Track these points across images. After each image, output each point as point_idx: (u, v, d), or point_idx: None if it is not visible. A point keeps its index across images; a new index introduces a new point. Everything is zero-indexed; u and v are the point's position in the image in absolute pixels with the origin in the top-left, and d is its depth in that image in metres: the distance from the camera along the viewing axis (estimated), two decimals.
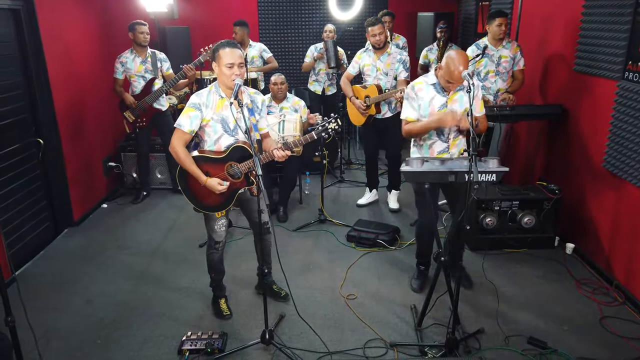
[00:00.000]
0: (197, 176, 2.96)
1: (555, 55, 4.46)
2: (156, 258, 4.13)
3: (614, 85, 3.48)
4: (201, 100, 2.93)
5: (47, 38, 4.23)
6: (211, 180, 2.96)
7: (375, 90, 4.54)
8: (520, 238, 4.09)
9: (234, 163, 3.01)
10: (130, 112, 5.02)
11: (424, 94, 3.19)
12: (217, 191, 2.97)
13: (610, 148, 3.53)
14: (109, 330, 3.17)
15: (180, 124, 2.91)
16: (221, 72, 2.87)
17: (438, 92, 3.17)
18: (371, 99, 4.56)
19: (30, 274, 3.88)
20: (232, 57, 2.83)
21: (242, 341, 3.03)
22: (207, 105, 2.94)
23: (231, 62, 2.82)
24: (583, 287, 3.59)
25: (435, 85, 3.18)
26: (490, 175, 2.66)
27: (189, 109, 2.91)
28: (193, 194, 3.07)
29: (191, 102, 2.92)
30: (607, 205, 3.64)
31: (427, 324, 3.16)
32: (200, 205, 3.08)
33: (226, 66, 2.83)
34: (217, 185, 2.95)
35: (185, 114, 2.91)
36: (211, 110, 2.95)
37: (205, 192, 3.04)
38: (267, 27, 7.37)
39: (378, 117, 4.68)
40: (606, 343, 3.00)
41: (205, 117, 2.94)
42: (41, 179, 4.35)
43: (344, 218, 4.78)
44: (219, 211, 3.11)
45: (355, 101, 4.68)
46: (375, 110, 4.62)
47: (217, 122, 2.97)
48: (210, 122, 2.96)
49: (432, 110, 3.17)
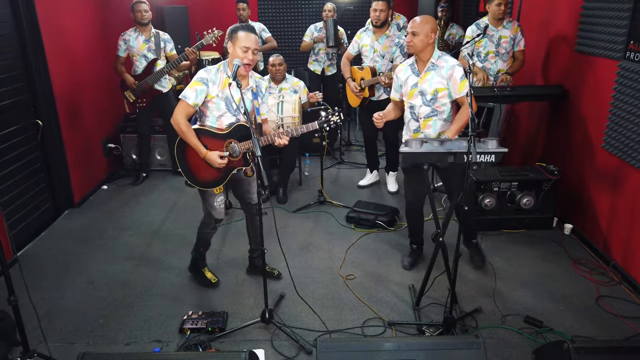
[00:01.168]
0: (197, 149, 2.98)
1: (556, 35, 4.41)
2: (156, 239, 4.15)
3: (615, 65, 3.46)
4: (209, 76, 2.94)
5: (43, 18, 4.19)
6: (211, 154, 2.98)
7: (369, 72, 4.51)
8: (518, 219, 4.11)
9: (234, 141, 3.04)
10: (130, 92, 5.00)
11: (402, 74, 3.34)
12: (216, 164, 2.99)
13: (610, 129, 3.52)
14: (111, 309, 3.21)
15: (185, 96, 2.92)
16: (234, 53, 2.90)
17: (413, 72, 3.28)
18: (364, 81, 4.54)
19: (31, 255, 3.91)
20: (248, 41, 2.87)
21: (243, 320, 3.06)
22: (214, 82, 2.96)
23: (247, 45, 2.87)
24: (580, 267, 3.62)
25: (412, 65, 3.29)
26: (489, 156, 2.65)
27: (196, 83, 2.92)
28: (189, 167, 3.08)
29: (199, 77, 2.93)
30: (606, 186, 3.65)
31: (425, 303, 3.19)
32: (194, 179, 3.10)
33: (242, 48, 2.86)
34: (217, 158, 2.98)
35: (191, 87, 2.92)
36: (217, 88, 2.97)
37: (202, 166, 3.06)
38: (266, 6, 7.28)
39: (374, 100, 4.66)
40: (602, 322, 3.04)
41: (210, 93, 2.96)
42: (41, 161, 4.35)
43: (344, 199, 4.80)
44: (213, 187, 3.12)
45: (350, 83, 4.66)
46: (369, 93, 4.59)
47: (221, 99, 2.99)
48: (214, 99, 2.98)
49: (405, 90, 3.31)
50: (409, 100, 3.32)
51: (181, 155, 3.07)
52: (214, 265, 3.70)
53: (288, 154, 4.92)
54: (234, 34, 2.90)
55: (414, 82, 3.27)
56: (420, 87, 3.25)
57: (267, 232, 3.00)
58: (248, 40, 2.86)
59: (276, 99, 4.69)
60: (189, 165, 3.08)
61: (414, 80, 3.27)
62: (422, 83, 3.24)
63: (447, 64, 3.19)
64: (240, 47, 2.86)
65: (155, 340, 2.92)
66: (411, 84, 3.28)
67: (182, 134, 2.96)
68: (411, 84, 3.28)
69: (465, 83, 3.14)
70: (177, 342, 2.91)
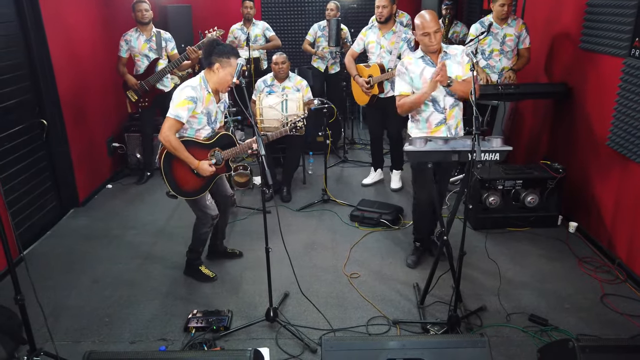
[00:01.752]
0: (189, 161, 3.07)
1: (561, 32, 4.40)
2: (161, 238, 4.17)
3: (620, 62, 3.44)
4: (197, 94, 3.03)
5: (48, 17, 4.20)
6: (202, 163, 3.11)
7: (377, 69, 4.50)
8: (523, 217, 4.10)
9: (218, 149, 3.20)
10: (133, 92, 5.01)
11: (414, 67, 3.24)
12: (207, 173, 3.13)
13: (615, 126, 3.51)
14: (116, 308, 3.23)
15: (178, 115, 2.99)
16: (223, 76, 3.04)
17: (427, 64, 3.21)
18: (374, 78, 4.52)
19: (37, 254, 3.93)
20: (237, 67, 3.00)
21: (247, 319, 3.07)
22: (200, 99, 3.05)
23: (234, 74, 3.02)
24: (585, 265, 3.61)
25: (424, 57, 3.24)
26: (493, 154, 2.65)
27: (187, 102, 3.00)
28: (176, 179, 3.16)
29: (188, 95, 3.00)
30: (611, 184, 3.64)
31: (429, 301, 3.19)
32: (181, 191, 3.18)
33: (231, 75, 3.02)
34: (208, 167, 3.12)
35: (183, 106, 2.99)
36: (202, 104, 3.07)
37: (188, 178, 3.17)
38: (270, 4, 7.28)
39: (381, 97, 4.65)
40: (607, 320, 3.03)
41: (196, 110, 3.05)
42: (46, 160, 4.37)
43: (348, 198, 4.80)
44: (199, 196, 3.23)
45: (358, 79, 4.65)
46: (378, 89, 4.58)
47: (204, 115, 3.12)
48: (198, 115, 3.09)
49: (423, 82, 3.21)
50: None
51: (168, 169, 3.12)
52: (218, 263, 3.71)
53: (292, 152, 4.92)
54: (225, 58, 3.00)
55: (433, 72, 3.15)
56: None
57: (271, 231, 3.01)
58: (237, 67, 3.01)
59: (280, 97, 4.68)
60: (175, 178, 3.15)
61: (432, 70, 3.15)
62: None
63: (457, 50, 3.25)
64: (231, 74, 3.02)
65: (161, 339, 2.93)
66: (430, 74, 3.16)
67: (173, 150, 3.03)
68: (430, 75, 3.16)
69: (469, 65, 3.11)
70: (182, 340, 2.92)
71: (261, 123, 4.58)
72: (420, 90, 3.19)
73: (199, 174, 3.15)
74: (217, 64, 3.02)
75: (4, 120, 3.77)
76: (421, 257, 3.68)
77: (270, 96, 4.70)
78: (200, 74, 3.10)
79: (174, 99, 3.03)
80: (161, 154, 3.09)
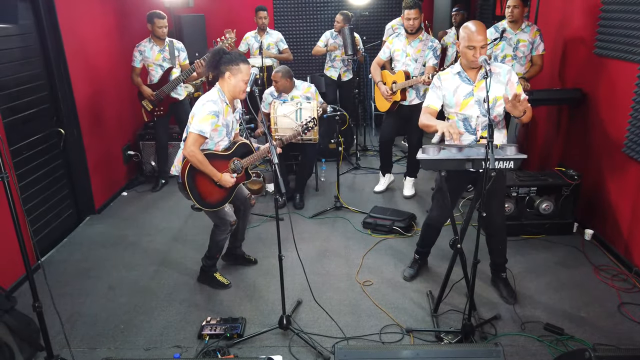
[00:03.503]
0: (213, 173, 3.12)
1: (575, 38, 4.37)
2: (176, 244, 4.21)
3: (636, 68, 3.41)
4: (218, 108, 3.07)
5: (65, 29, 4.29)
6: (225, 175, 3.17)
7: (403, 76, 4.52)
8: (538, 224, 4.07)
9: (237, 159, 3.25)
10: (148, 101, 5.08)
11: (449, 83, 3.06)
12: (230, 184, 3.18)
13: (631, 133, 3.47)
14: (131, 315, 3.26)
15: (202, 130, 3.01)
16: (235, 84, 3.06)
17: (463, 81, 3.03)
18: (398, 84, 4.54)
19: (54, 261, 3.99)
20: (248, 73, 3.05)
21: (261, 326, 3.09)
22: (221, 112, 3.09)
23: (248, 78, 3.04)
24: (601, 274, 3.56)
25: (460, 73, 3.03)
26: (507, 162, 2.64)
27: (210, 117, 3.03)
28: (200, 193, 3.18)
29: (211, 110, 3.03)
30: (627, 190, 3.59)
31: (443, 310, 3.18)
32: (205, 203, 3.21)
33: (244, 81, 3.05)
34: (230, 178, 3.17)
35: (206, 121, 3.02)
36: (222, 117, 3.11)
37: (212, 190, 3.20)
38: (282, 13, 7.35)
39: (404, 104, 4.66)
40: (625, 330, 2.98)
41: (217, 123, 3.09)
42: (63, 168, 4.45)
43: (360, 205, 4.80)
44: (222, 206, 3.28)
45: (381, 86, 4.66)
46: (401, 97, 4.59)
47: (224, 127, 3.16)
48: (219, 128, 3.12)
49: (456, 100, 3.04)
50: (461, 111, 3.04)
51: (192, 183, 3.14)
52: (232, 270, 3.74)
53: (306, 160, 4.94)
54: (234, 65, 3.02)
55: (468, 91, 3.01)
56: (477, 95, 2.99)
57: (284, 238, 3.02)
58: (248, 73, 3.05)
59: (294, 106, 4.69)
60: (199, 191, 3.17)
61: (467, 89, 3.00)
62: (479, 91, 2.98)
63: (502, 69, 3.01)
64: (243, 80, 3.05)
65: (175, 346, 2.96)
66: (464, 93, 3.01)
67: (198, 164, 3.06)
68: (464, 93, 3.01)
69: (520, 86, 3.00)
70: (196, 347, 2.94)
71: (275, 132, 4.60)
72: (436, 122, 2.95)
73: (222, 186, 3.19)
74: (227, 73, 3.05)
75: (22, 129, 3.85)
76: (419, 270, 3.64)
77: (284, 105, 4.72)
78: (216, 86, 3.13)
79: (196, 114, 3.04)
80: (184, 169, 3.11)
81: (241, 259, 3.80)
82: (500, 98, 2.98)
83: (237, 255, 3.79)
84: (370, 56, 5.08)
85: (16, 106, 3.78)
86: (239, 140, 3.32)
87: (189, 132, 3.04)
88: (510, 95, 2.87)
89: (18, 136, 3.78)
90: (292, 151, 5.17)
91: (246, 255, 3.83)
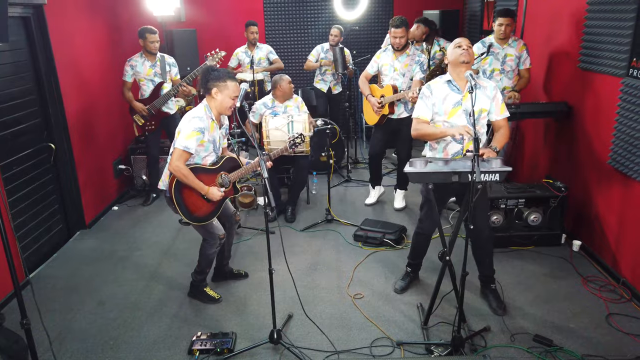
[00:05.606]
0: (199, 187, 3.14)
1: (560, 52, 4.45)
2: (167, 259, 4.20)
3: (619, 82, 3.48)
4: (204, 124, 3.10)
5: (57, 44, 4.31)
6: (212, 189, 3.19)
7: (391, 90, 4.58)
8: (526, 236, 4.11)
9: (224, 173, 3.29)
10: (139, 116, 5.10)
11: (438, 91, 3.12)
12: (218, 198, 3.19)
13: (616, 145, 3.53)
14: (121, 331, 3.24)
15: (187, 147, 3.06)
16: (222, 100, 3.11)
17: (452, 90, 3.10)
18: (386, 98, 4.59)
19: (43, 277, 3.96)
20: (236, 90, 3.11)
21: (251, 341, 3.08)
22: (206, 129, 3.13)
23: (236, 95, 3.10)
24: (590, 284, 3.60)
25: (450, 82, 3.11)
26: (493, 174, 2.68)
27: (196, 133, 3.07)
28: (188, 207, 3.19)
29: (197, 127, 3.07)
30: (614, 202, 3.64)
31: (433, 322, 3.19)
32: (192, 217, 3.22)
33: (230, 97, 3.11)
34: (217, 192, 3.19)
35: (191, 137, 3.06)
36: (208, 133, 3.15)
37: (199, 204, 3.22)
38: (273, 27, 7.42)
39: (393, 117, 4.71)
40: (613, 340, 3.01)
41: (203, 139, 3.13)
42: (53, 183, 4.44)
43: (351, 217, 4.82)
44: (211, 219, 3.29)
45: (371, 99, 4.71)
46: (389, 110, 4.64)
47: (210, 142, 3.19)
48: (205, 143, 3.16)
49: (445, 108, 3.10)
50: (449, 119, 3.09)
51: (179, 197, 3.16)
52: (223, 284, 3.73)
53: (298, 173, 4.96)
54: (221, 82, 3.08)
55: (457, 100, 3.07)
56: (465, 105, 3.05)
57: (276, 252, 3.03)
58: (236, 90, 3.11)
59: (285, 119, 4.73)
60: (187, 206, 3.19)
61: (456, 97, 3.07)
62: (467, 101, 3.02)
63: (489, 84, 3.12)
64: (231, 97, 3.11)
65: None
66: (453, 101, 3.08)
67: (184, 178, 3.08)
68: (453, 102, 3.07)
69: (505, 106, 3.12)
70: None
71: (268, 145, 4.63)
72: (444, 128, 3.06)
73: (209, 199, 3.20)
74: (214, 89, 3.10)
75: (13, 144, 3.85)
76: (410, 283, 3.65)
77: (275, 118, 4.76)
78: (203, 102, 3.17)
79: (182, 130, 3.08)
80: (171, 183, 3.13)
81: (230, 275, 3.80)
82: (486, 110, 3.09)
83: (226, 273, 3.79)
84: (361, 70, 5.14)
85: (6, 121, 3.78)
86: (227, 154, 3.35)
87: (174, 147, 3.08)
88: (494, 112, 3.10)
89: (8, 151, 3.78)
90: (284, 164, 5.20)
91: (235, 271, 3.84)
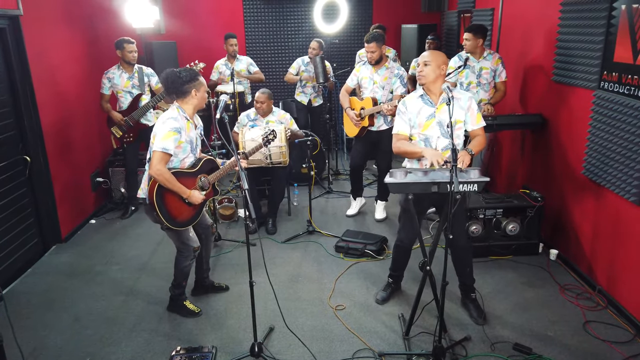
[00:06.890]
0: (181, 191, 3.12)
1: (534, 65, 4.57)
2: (145, 273, 4.13)
3: (591, 94, 3.58)
4: (179, 124, 3.09)
5: (33, 56, 4.25)
6: (193, 192, 3.18)
7: (371, 102, 4.63)
8: (505, 245, 4.17)
9: (204, 175, 3.28)
10: (117, 128, 5.04)
11: (412, 106, 3.21)
12: (199, 200, 3.19)
13: (589, 156, 3.62)
14: (98, 347, 3.17)
15: (165, 148, 3.02)
16: (201, 96, 3.18)
17: (425, 103, 3.18)
18: (366, 110, 4.64)
19: (17, 292, 3.86)
20: (205, 82, 3.23)
21: (232, 355, 3.04)
22: (183, 128, 3.11)
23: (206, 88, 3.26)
24: (567, 293, 3.66)
25: (423, 96, 3.19)
26: (471, 185, 2.72)
27: (172, 133, 3.05)
28: (169, 211, 3.16)
29: (172, 127, 3.05)
30: (588, 211, 3.73)
31: (414, 332, 3.20)
32: (174, 222, 3.19)
33: (206, 91, 3.23)
34: (199, 194, 3.19)
35: (169, 138, 3.03)
36: (185, 133, 3.13)
37: (181, 208, 3.19)
38: (254, 40, 7.45)
39: (373, 129, 4.75)
40: (590, 347, 3.06)
41: (181, 140, 3.10)
42: (28, 196, 4.34)
43: (332, 229, 4.83)
44: (192, 224, 3.29)
45: (349, 112, 4.75)
46: (369, 122, 4.69)
47: (187, 143, 3.18)
48: (183, 144, 3.14)
49: (419, 121, 3.18)
50: (423, 131, 3.17)
51: (161, 202, 3.12)
52: (203, 298, 3.69)
53: (276, 184, 4.95)
54: (195, 82, 3.15)
55: (430, 113, 3.15)
56: (438, 117, 3.13)
57: (257, 264, 3.01)
58: (205, 82, 3.23)
59: (262, 130, 4.74)
60: (169, 211, 3.15)
61: (430, 110, 3.15)
62: (440, 113, 3.12)
63: (463, 96, 3.18)
64: (205, 91, 3.22)
65: None
66: (426, 114, 3.15)
67: (166, 182, 3.06)
68: (427, 115, 3.15)
69: (480, 115, 3.20)
70: None
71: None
72: (421, 148, 3.14)
73: (191, 203, 3.18)
74: (193, 90, 3.12)
75: None
76: (392, 294, 3.67)
77: (252, 129, 4.77)
78: (175, 104, 3.16)
79: (157, 132, 3.05)
80: (152, 189, 3.08)
81: (211, 288, 3.76)
82: (460, 122, 3.16)
83: (207, 286, 3.74)
84: (341, 83, 5.19)
85: None
86: (204, 157, 3.34)
87: (153, 151, 3.04)
88: (470, 122, 3.18)
89: None
90: (264, 176, 5.19)
91: (216, 284, 3.79)
